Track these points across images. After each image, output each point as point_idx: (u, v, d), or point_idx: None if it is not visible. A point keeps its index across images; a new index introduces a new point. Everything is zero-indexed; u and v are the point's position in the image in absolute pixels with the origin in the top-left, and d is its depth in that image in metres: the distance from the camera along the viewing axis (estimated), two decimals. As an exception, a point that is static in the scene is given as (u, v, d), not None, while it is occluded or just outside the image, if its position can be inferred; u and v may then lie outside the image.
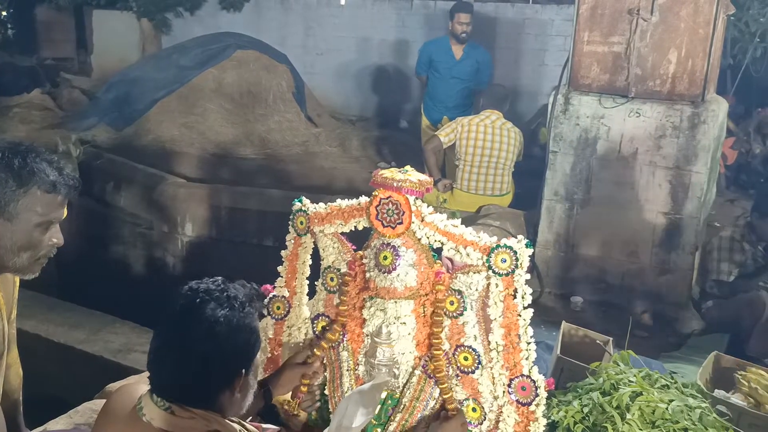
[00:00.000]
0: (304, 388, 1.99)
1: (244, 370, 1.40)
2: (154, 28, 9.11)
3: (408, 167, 1.90)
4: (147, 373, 1.45)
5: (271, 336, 2.21)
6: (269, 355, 2.23)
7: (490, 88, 5.36)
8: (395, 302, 1.88)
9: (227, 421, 1.38)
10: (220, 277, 1.46)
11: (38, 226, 1.63)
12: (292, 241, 2.13)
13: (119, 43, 9.29)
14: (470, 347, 1.89)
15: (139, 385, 1.47)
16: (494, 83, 5.59)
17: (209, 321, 1.35)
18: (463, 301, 1.87)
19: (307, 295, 2.20)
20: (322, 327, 2.10)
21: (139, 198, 5.77)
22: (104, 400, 2.53)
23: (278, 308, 2.18)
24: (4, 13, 10.31)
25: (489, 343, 1.87)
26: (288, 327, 2.21)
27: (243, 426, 1.40)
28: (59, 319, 4.15)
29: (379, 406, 1.93)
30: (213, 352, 1.35)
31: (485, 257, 1.80)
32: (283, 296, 2.17)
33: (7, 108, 7.26)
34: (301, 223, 2.09)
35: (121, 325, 4.13)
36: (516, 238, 1.81)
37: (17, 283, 1.86)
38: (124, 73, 7.40)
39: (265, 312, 2.15)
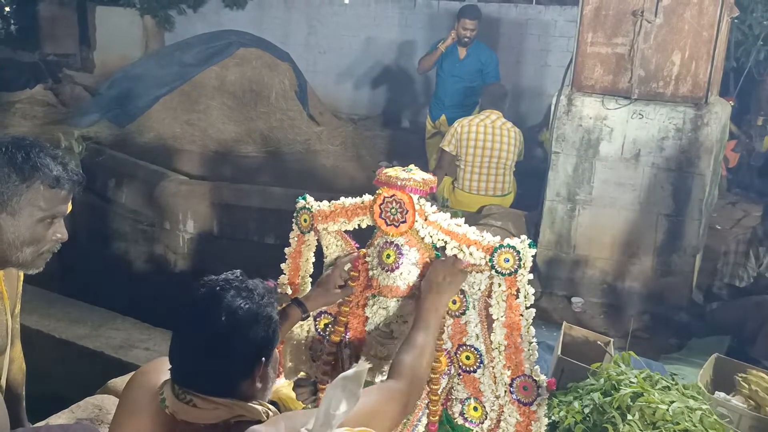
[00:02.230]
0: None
1: (264, 359, 1.40)
2: (157, 24, 9.12)
3: (412, 166, 1.90)
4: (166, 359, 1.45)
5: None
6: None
7: (488, 87, 5.32)
8: (397, 300, 1.89)
9: (250, 404, 1.37)
10: (238, 270, 1.47)
11: (41, 221, 1.63)
12: (296, 239, 2.13)
13: (122, 40, 9.30)
14: (472, 346, 1.90)
15: (160, 373, 1.46)
16: (492, 83, 5.55)
17: (229, 309, 1.36)
18: (466, 301, 1.88)
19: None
20: (325, 324, 2.10)
21: (141, 195, 5.77)
22: (105, 396, 2.54)
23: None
24: (7, 9, 10.31)
25: (491, 342, 1.87)
26: (290, 324, 2.21)
27: (264, 406, 1.40)
28: (60, 315, 4.15)
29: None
30: (233, 340, 1.35)
31: (488, 257, 1.80)
32: (285, 293, 2.17)
33: (9, 104, 7.27)
34: (305, 220, 2.09)
35: (122, 321, 4.14)
36: (519, 238, 1.81)
37: (21, 278, 1.86)
38: (127, 69, 7.41)
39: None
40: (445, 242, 1.85)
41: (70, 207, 1.70)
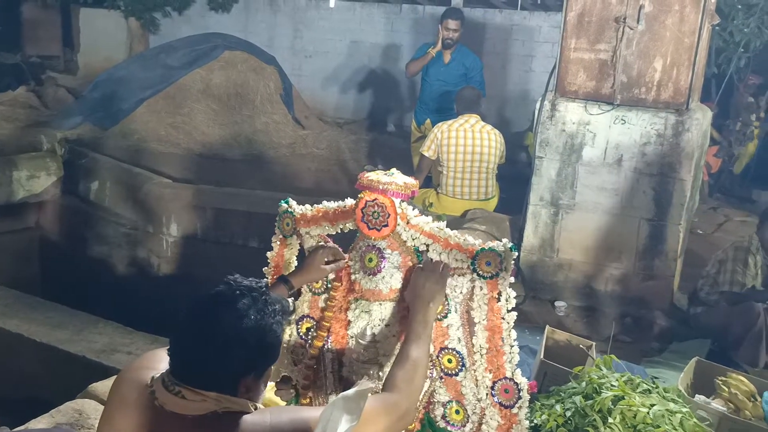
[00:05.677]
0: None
1: (253, 374, 1.41)
2: (142, 27, 9.07)
3: (394, 170, 1.91)
4: (156, 355, 1.48)
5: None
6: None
7: (460, 92, 5.33)
8: (380, 304, 1.89)
9: (236, 398, 1.40)
10: (264, 281, 1.48)
11: None
12: (278, 242, 2.13)
13: (106, 42, 9.24)
14: (454, 350, 1.90)
15: (149, 370, 1.47)
16: (464, 87, 5.55)
17: (237, 314, 1.38)
18: (448, 304, 1.88)
19: (292, 296, 2.20)
20: (307, 329, 2.10)
21: (124, 198, 5.73)
22: (85, 400, 2.52)
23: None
24: (-11, 10, 10.21)
25: (473, 345, 1.88)
26: (272, 328, 2.20)
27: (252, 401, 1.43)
28: (42, 319, 4.09)
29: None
30: (230, 345, 1.37)
31: (470, 260, 1.81)
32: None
33: (-9, 105, 7.19)
34: (287, 224, 2.08)
35: (104, 325, 4.09)
36: (501, 241, 1.82)
37: None
38: (111, 72, 7.35)
39: None
40: (428, 246, 1.85)
41: None
